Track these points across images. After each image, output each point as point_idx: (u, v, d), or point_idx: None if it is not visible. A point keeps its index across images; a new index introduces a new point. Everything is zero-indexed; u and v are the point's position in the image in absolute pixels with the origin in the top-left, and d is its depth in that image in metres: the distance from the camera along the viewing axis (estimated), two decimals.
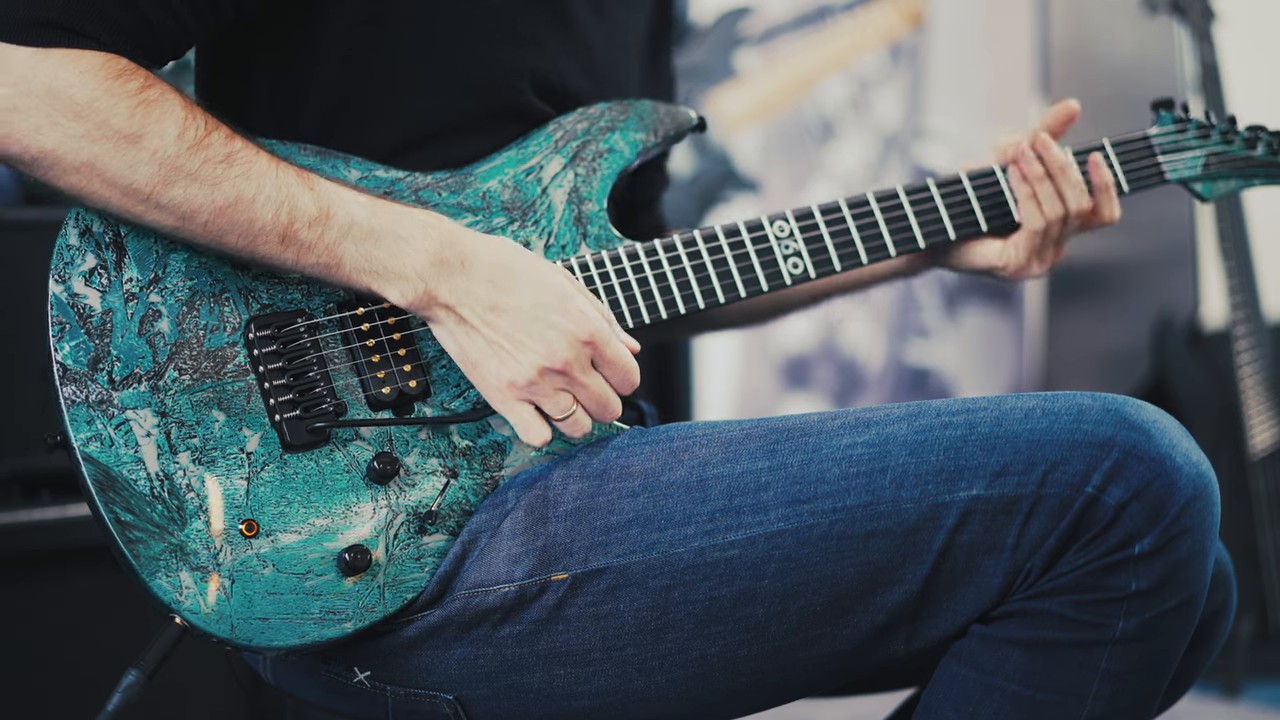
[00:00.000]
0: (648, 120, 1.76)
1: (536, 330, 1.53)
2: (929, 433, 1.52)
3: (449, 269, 1.53)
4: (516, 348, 1.53)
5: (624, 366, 1.56)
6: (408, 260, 1.52)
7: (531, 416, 1.55)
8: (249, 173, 1.50)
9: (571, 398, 1.55)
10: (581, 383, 1.54)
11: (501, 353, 1.53)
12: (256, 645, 1.50)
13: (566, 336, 1.53)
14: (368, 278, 1.53)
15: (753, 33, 4.56)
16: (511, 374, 1.53)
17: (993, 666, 1.52)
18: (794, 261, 1.75)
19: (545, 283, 1.55)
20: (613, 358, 1.56)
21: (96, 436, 1.49)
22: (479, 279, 1.53)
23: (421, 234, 1.53)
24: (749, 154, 4.62)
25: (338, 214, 1.51)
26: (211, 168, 1.49)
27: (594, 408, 1.56)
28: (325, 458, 1.56)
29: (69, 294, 1.52)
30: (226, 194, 1.49)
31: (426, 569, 1.57)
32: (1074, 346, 4.56)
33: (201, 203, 1.49)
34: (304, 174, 1.53)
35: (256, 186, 1.50)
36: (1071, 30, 4.53)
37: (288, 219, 1.50)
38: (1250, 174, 1.94)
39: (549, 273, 1.56)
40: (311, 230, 1.51)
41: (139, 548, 1.48)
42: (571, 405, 1.55)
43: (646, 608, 1.54)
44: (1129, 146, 1.89)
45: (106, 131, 1.46)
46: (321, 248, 1.52)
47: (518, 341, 1.53)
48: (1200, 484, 1.48)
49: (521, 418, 1.55)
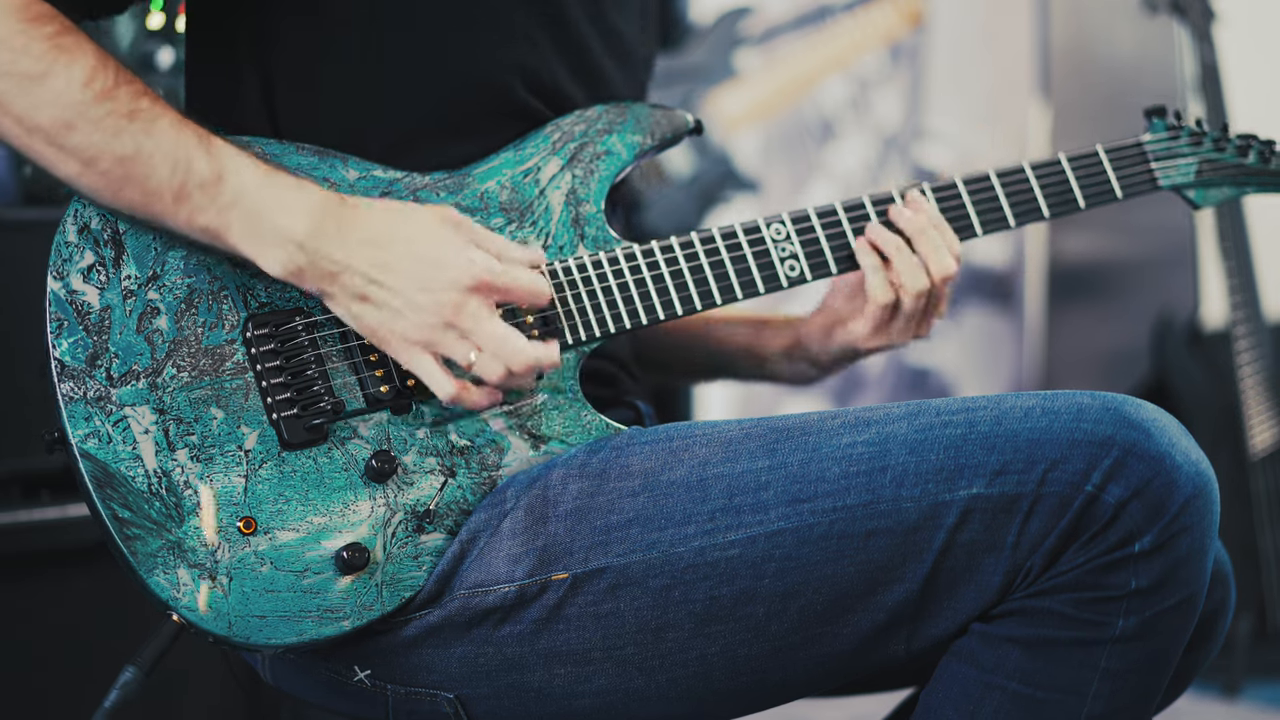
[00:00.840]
0: (644, 123, 1.76)
1: (419, 285, 1.51)
2: (929, 431, 1.52)
3: (326, 235, 1.52)
4: (405, 305, 1.52)
5: (523, 289, 1.55)
6: (288, 227, 1.51)
7: (435, 369, 1.54)
8: (150, 129, 1.51)
9: (470, 344, 1.54)
10: (472, 329, 1.53)
11: (391, 312, 1.52)
12: (254, 643, 1.50)
13: (450, 286, 1.52)
14: (252, 244, 1.52)
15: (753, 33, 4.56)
16: (404, 330, 1.52)
17: (993, 665, 1.52)
18: (790, 264, 1.75)
19: (425, 236, 1.53)
20: (505, 284, 1.55)
21: (94, 433, 1.49)
22: (357, 243, 1.52)
23: (303, 202, 1.53)
24: (749, 154, 4.62)
25: (230, 179, 1.52)
26: (114, 120, 1.50)
27: (496, 351, 1.53)
28: (323, 456, 1.56)
29: (67, 290, 1.52)
30: (125, 145, 1.50)
31: (424, 568, 1.57)
32: (1074, 346, 4.56)
33: (100, 150, 1.50)
34: (205, 136, 1.53)
35: (155, 143, 1.51)
36: (1071, 30, 4.54)
37: (183, 178, 1.51)
38: (1242, 182, 1.95)
39: (429, 225, 1.54)
40: (204, 193, 1.51)
41: (136, 544, 1.48)
42: (471, 350, 1.53)
43: (647, 607, 1.54)
44: (1122, 153, 1.89)
45: (14, 69, 1.48)
46: (213, 211, 1.51)
47: (405, 298, 1.52)
48: (1200, 483, 1.48)
49: (426, 370, 1.54)
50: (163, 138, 1.51)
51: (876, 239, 1.78)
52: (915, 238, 1.78)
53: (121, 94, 1.51)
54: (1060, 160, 1.86)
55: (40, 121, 1.50)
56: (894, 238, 1.78)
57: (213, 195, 1.51)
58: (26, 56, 1.49)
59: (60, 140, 1.50)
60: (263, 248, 1.52)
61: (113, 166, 1.51)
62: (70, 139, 1.50)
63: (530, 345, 1.54)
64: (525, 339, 1.55)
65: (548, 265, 1.66)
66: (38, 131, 1.50)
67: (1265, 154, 1.95)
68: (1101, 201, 1.87)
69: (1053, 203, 1.85)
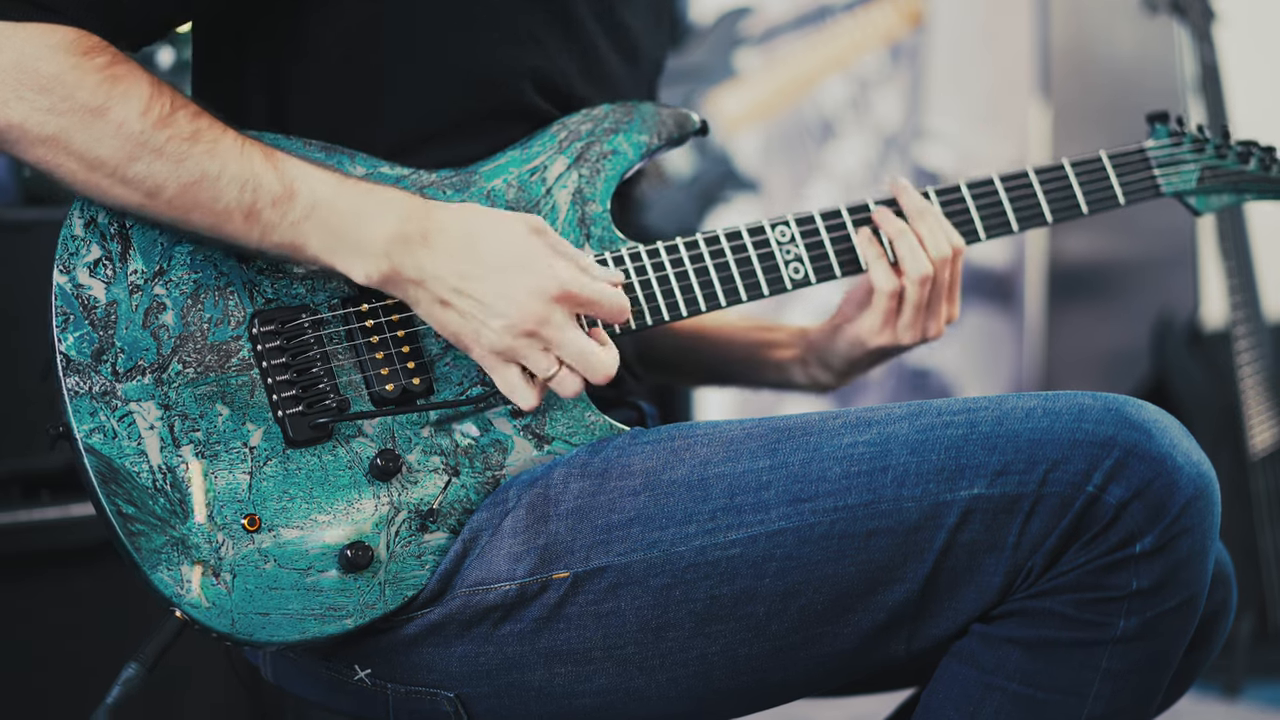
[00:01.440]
0: (651, 122, 1.76)
1: (504, 294, 1.52)
2: (930, 432, 1.52)
3: (411, 244, 1.52)
4: (488, 314, 1.52)
5: (608, 303, 1.56)
6: (370, 236, 1.52)
7: (517, 379, 1.55)
8: (214, 150, 1.51)
9: (552, 356, 1.54)
10: (557, 341, 1.53)
11: (476, 322, 1.53)
12: (257, 640, 1.51)
13: (535, 295, 1.52)
14: (332, 256, 1.53)
15: (753, 33, 4.56)
16: (489, 341, 1.53)
17: (993, 665, 1.52)
18: (795, 266, 1.75)
19: (510, 245, 1.54)
20: (591, 298, 1.55)
21: (99, 428, 1.50)
22: (442, 251, 1.53)
23: (383, 210, 1.53)
24: (749, 154, 4.62)
25: (301, 192, 1.52)
26: (176, 144, 1.50)
27: (577, 364, 1.55)
28: (328, 454, 1.56)
29: (74, 285, 1.52)
30: (191, 171, 1.50)
31: (427, 566, 1.57)
32: (1074, 346, 4.56)
33: (166, 178, 1.50)
34: (270, 152, 1.53)
35: (221, 164, 1.50)
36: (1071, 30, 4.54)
37: (252, 197, 1.51)
38: (1243, 188, 1.96)
39: (515, 233, 1.55)
40: (276, 209, 1.51)
41: (140, 540, 1.49)
42: (553, 364, 1.54)
43: (648, 606, 1.54)
44: (1125, 159, 1.90)
45: (72, 105, 1.48)
46: (286, 226, 1.52)
47: (489, 308, 1.52)
48: (1201, 483, 1.48)
49: (507, 381, 1.55)
50: (228, 158, 1.51)
51: (879, 219, 1.79)
52: (913, 218, 1.79)
53: (180, 118, 1.51)
54: (1064, 165, 1.87)
55: (102, 156, 1.49)
56: (897, 221, 1.78)
57: (284, 211, 1.51)
58: (82, 90, 1.48)
59: (123, 173, 1.49)
60: (345, 258, 1.52)
61: (178, 194, 1.50)
62: (132, 170, 1.49)
63: (608, 356, 1.55)
64: (603, 352, 1.55)
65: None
66: (100, 167, 1.49)
67: (1266, 161, 1.96)
68: (1104, 207, 1.88)
69: (1056, 208, 1.86)
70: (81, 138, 1.48)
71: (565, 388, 1.55)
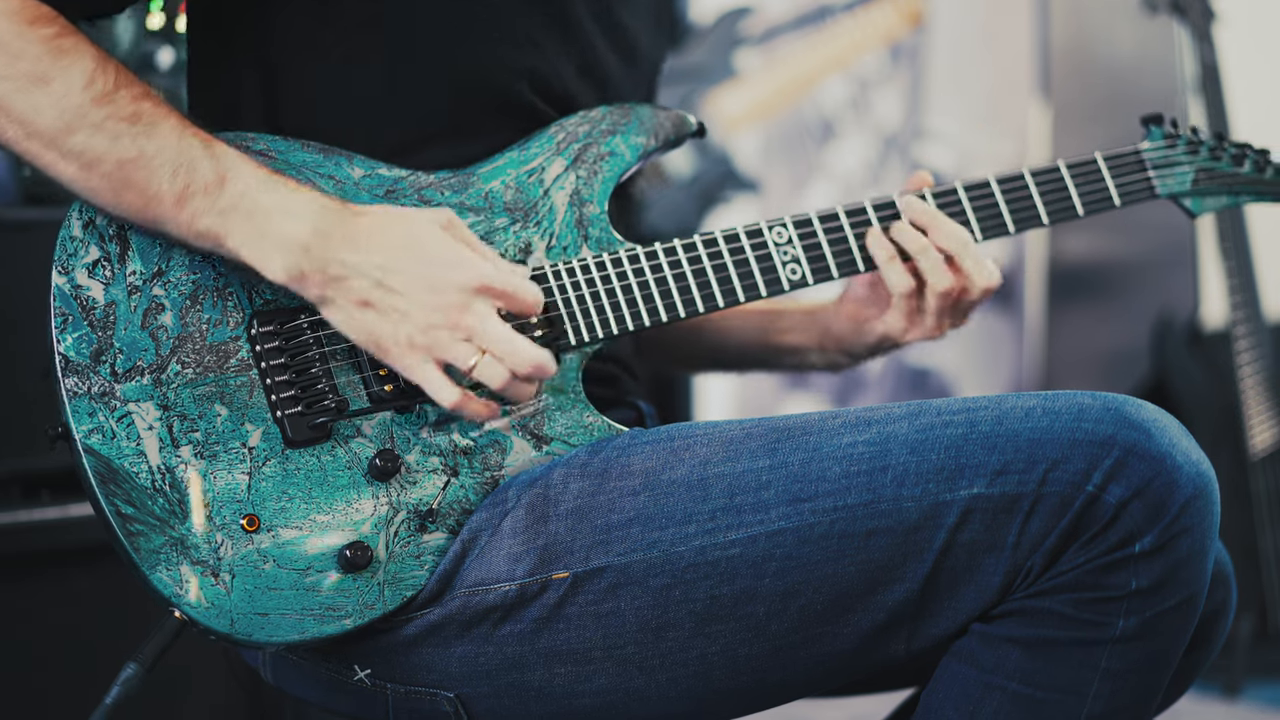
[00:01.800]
0: (648, 124, 1.76)
1: (423, 286, 1.50)
2: (930, 431, 1.52)
3: (331, 240, 1.51)
4: (409, 305, 1.51)
5: (522, 294, 1.54)
6: (292, 232, 1.51)
7: (435, 375, 1.53)
8: (152, 131, 1.51)
9: (473, 346, 1.53)
10: (477, 329, 1.51)
11: (396, 316, 1.51)
12: (256, 640, 1.51)
13: (454, 287, 1.51)
14: (253, 250, 1.51)
15: (753, 33, 4.56)
16: (406, 335, 1.51)
17: (993, 665, 1.52)
18: (792, 268, 1.76)
19: (425, 240, 1.53)
20: (507, 289, 1.53)
21: (98, 429, 1.50)
22: (364, 247, 1.51)
23: (307, 207, 1.52)
24: (749, 154, 4.63)
25: (232, 182, 1.51)
26: (115, 122, 1.50)
27: (502, 352, 1.52)
28: (327, 454, 1.56)
29: (72, 285, 1.52)
30: (127, 148, 1.50)
31: (426, 567, 1.57)
32: (1074, 346, 4.56)
33: (102, 153, 1.50)
34: (210, 141, 1.53)
35: (158, 146, 1.51)
36: (1071, 30, 4.53)
37: (185, 180, 1.51)
38: (1238, 190, 1.96)
39: (427, 230, 1.54)
40: (207, 196, 1.51)
41: (139, 540, 1.49)
42: (474, 353, 1.52)
43: (647, 606, 1.54)
44: (1121, 160, 1.90)
45: (14, 71, 1.48)
46: (213, 214, 1.51)
47: (410, 299, 1.51)
48: (1200, 483, 1.48)
49: (427, 377, 1.53)
50: (165, 141, 1.51)
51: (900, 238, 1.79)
52: (931, 230, 1.79)
53: (122, 96, 1.51)
54: (1060, 167, 1.87)
55: (40, 125, 1.49)
56: (917, 236, 1.78)
57: (214, 198, 1.51)
58: (25, 59, 1.49)
59: (60, 144, 1.50)
60: (265, 252, 1.51)
61: (114, 170, 1.50)
62: (70, 142, 1.50)
63: (534, 347, 1.53)
64: (529, 341, 1.54)
65: (551, 266, 1.66)
66: (37, 135, 1.50)
67: (1260, 163, 1.96)
68: (1100, 209, 1.88)
69: (1052, 210, 1.86)
70: (22, 104, 1.49)
71: (491, 378, 1.53)
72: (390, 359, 1.53)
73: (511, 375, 1.53)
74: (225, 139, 1.58)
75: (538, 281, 1.66)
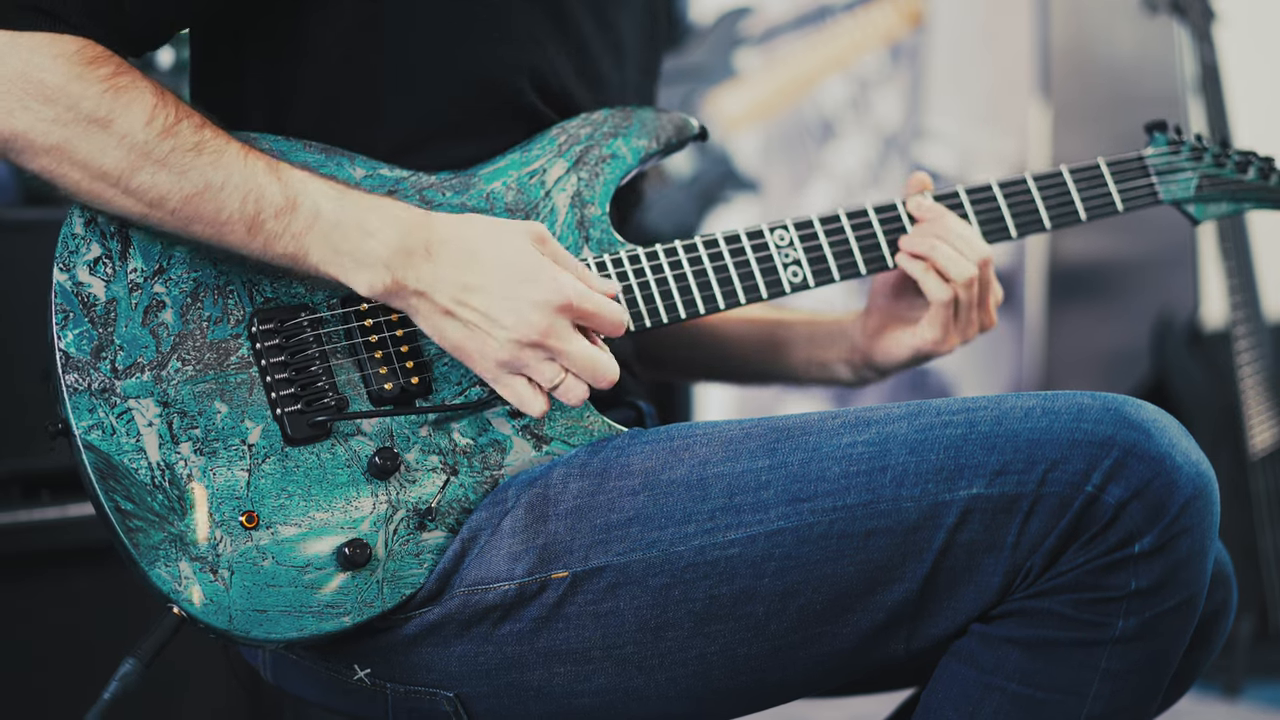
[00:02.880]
0: (650, 127, 1.77)
1: (508, 305, 1.52)
2: (929, 431, 1.52)
3: (414, 256, 1.53)
4: (492, 325, 1.52)
5: (608, 315, 1.56)
6: (373, 249, 1.52)
7: (525, 389, 1.55)
8: (218, 161, 1.51)
9: (558, 366, 1.54)
10: (563, 350, 1.53)
11: (480, 333, 1.53)
12: (254, 637, 1.51)
13: (539, 306, 1.52)
14: (334, 268, 1.53)
15: (753, 33, 4.56)
16: (494, 352, 1.53)
17: (993, 666, 1.52)
18: (794, 270, 1.76)
19: (512, 256, 1.54)
20: (592, 310, 1.55)
21: (98, 425, 1.50)
22: (445, 263, 1.53)
23: (386, 223, 1.53)
24: (749, 154, 4.63)
25: (304, 204, 1.52)
26: (180, 155, 1.50)
27: (583, 371, 1.55)
28: (326, 452, 1.56)
29: (73, 282, 1.53)
30: (194, 181, 1.50)
31: (425, 565, 1.57)
32: (1074, 346, 4.56)
33: (169, 189, 1.50)
34: (273, 163, 1.53)
35: (225, 175, 1.51)
36: (1071, 30, 4.53)
37: (255, 208, 1.51)
38: (1241, 197, 1.96)
39: (516, 245, 1.55)
40: (279, 220, 1.52)
41: (139, 537, 1.49)
42: (559, 373, 1.54)
43: (646, 606, 1.54)
44: (1124, 166, 1.90)
45: (76, 115, 1.48)
46: (289, 237, 1.52)
47: (492, 319, 1.52)
48: (1200, 483, 1.48)
49: (515, 392, 1.55)
50: (232, 169, 1.51)
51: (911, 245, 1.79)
52: (934, 222, 1.79)
53: (184, 128, 1.51)
54: (1062, 172, 1.87)
55: (106, 166, 1.49)
56: (927, 237, 1.78)
57: (287, 222, 1.52)
58: (86, 101, 1.48)
59: (127, 183, 1.50)
60: (348, 270, 1.52)
61: (182, 205, 1.51)
62: (136, 180, 1.50)
63: (613, 363, 1.56)
64: (610, 356, 1.56)
65: None
66: (103, 177, 1.50)
67: (1264, 171, 1.96)
68: (1102, 214, 1.89)
69: (1054, 214, 1.86)
70: (85, 148, 1.49)
71: (571, 395, 1.55)
72: (475, 369, 1.56)
73: (589, 390, 1.56)
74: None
75: None
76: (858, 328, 1.94)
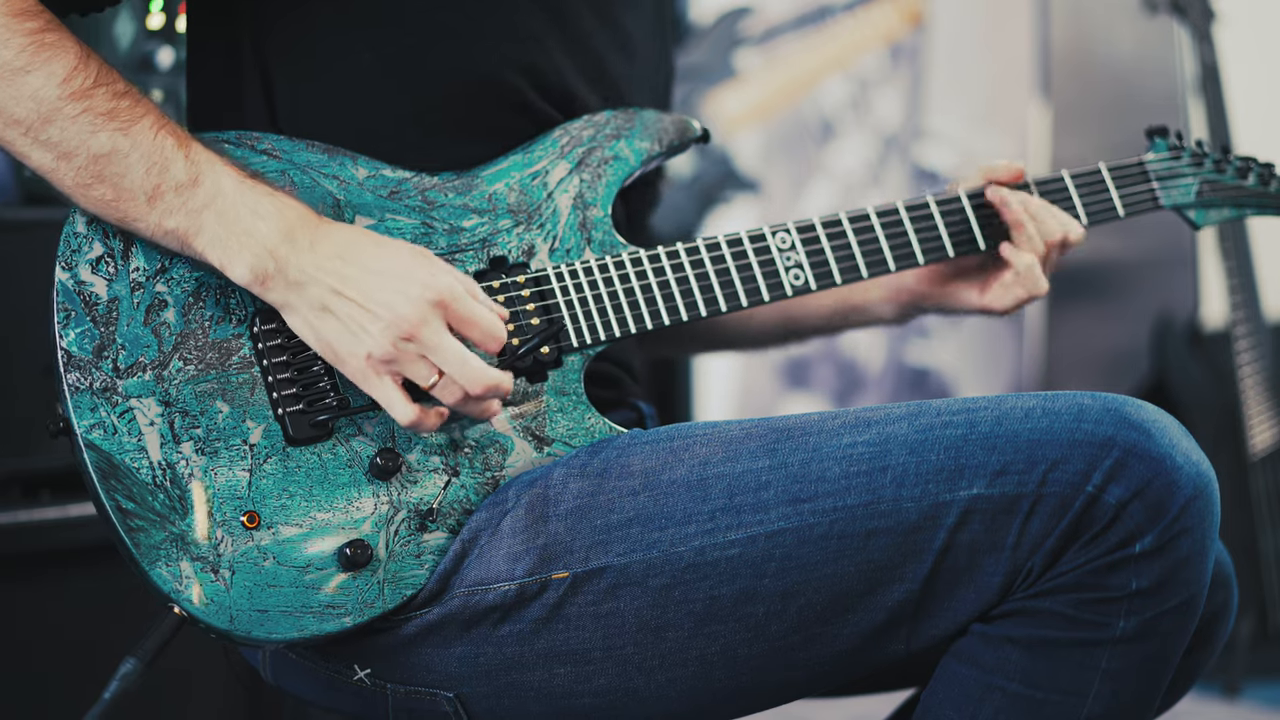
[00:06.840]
0: (653, 129, 1.77)
1: (383, 298, 1.50)
2: (930, 432, 1.52)
3: (298, 245, 1.52)
4: (367, 319, 1.51)
5: (481, 323, 1.53)
6: (259, 230, 1.51)
7: (395, 393, 1.52)
8: (128, 129, 1.51)
9: (432, 364, 1.52)
10: (433, 345, 1.51)
11: (355, 326, 1.51)
12: (255, 637, 1.51)
13: (413, 300, 1.50)
14: (219, 249, 1.52)
15: (753, 33, 4.56)
16: (367, 347, 1.51)
17: (993, 665, 1.52)
18: (795, 273, 1.76)
19: (392, 254, 1.53)
20: (466, 314, 1.52)
21: (100, 424, 1.50)
22: (326, 254, 1.52)
23: (279, 209, 1.53)
24: (749, 154, 4.63)
25: (206, 182, 1.52)
26: (90, 117, 1.51)
27: (454, 371, 1.52)
28: (328, 452, 1.56)
29: (75, 281, 1.53)
30: (103, 143, 1.50)
31: (426, 566, 1.57)
32: (1074, 346, 4.56)
33: (77, 146, 1.50)
34: (186, 141, 1.54)
35: (132, 143, 1.51)
36: (1071, 30, 4.53)
37: (157, 179, 1.51)
38: (1242, 203, 1.97)
39: (398, 248, 1.54)
40: (178, 195, 1.52)
41: (140, 536, 1.49)
42: (433, 372, 1.52)
43: (647, 606, 1.54)
44: (1125, 171, 1.91)
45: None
46: (184, 213, 1.52)
47: (367, 312, 1.50)
48: (1200, 483, 1.48)
49: (386, 396, 1.53)
50: (140, 138, 1.51)
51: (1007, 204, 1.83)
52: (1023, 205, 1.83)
53: (101, 94, 1.51)
54: (1063, 177, 1.88)
55: (17, 114, 1.50)
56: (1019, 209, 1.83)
57: (186, 198, 1.52)
58: (7, 50, 1.49)
59: (37, 133, 1.51)
60: (231, 252, 1.51)
61: (88, 163, 1.51)
62: (46, 133, 1.50)
63: (486, 368, 1.53)
64: (481, 360, 1.53)
65: (554, 269, 1.67)
66: (15, 124, 1.51)
67: (1265, 177, 1.97)
68: (1104, 219, 1.90)
69: None
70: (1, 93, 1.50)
71: (446, 396, 1.53)
72: (347, 372, 1.53)
73: (465, 395, 1.53)
74: (229, 139, 1.59)
75: (539, 283, 1.66)
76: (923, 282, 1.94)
